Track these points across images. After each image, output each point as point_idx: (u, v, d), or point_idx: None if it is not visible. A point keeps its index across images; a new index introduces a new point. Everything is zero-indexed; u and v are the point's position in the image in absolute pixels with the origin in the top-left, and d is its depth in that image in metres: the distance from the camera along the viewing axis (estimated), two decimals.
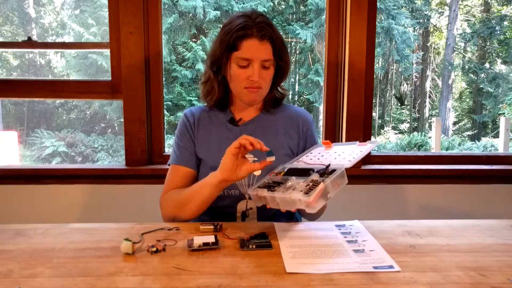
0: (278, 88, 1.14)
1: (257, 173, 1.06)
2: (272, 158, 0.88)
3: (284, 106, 1.17)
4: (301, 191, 0.79)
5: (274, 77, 1.07)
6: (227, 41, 1.00)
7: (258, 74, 1.00)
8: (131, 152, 1.56)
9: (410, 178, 1.61)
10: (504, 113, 11.17)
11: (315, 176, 0.84)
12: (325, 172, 0.84)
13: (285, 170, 0.93)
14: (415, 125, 14.19)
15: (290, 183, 0.86)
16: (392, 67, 13.97)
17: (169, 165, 1.12)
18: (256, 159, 1.06)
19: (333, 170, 0.83)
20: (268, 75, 1.03)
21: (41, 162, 9.03)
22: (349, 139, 1.55)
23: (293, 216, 1.13)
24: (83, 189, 1.57)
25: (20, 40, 1.65)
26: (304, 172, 0.88)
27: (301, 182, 0.84)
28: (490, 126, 13.31)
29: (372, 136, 2.45)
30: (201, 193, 0.95)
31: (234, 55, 1.00)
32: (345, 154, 0.92)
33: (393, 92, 14.93)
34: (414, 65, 13.16)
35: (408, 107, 14.98)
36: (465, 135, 13.06)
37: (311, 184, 0.81)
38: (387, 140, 12.45)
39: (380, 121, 14.27)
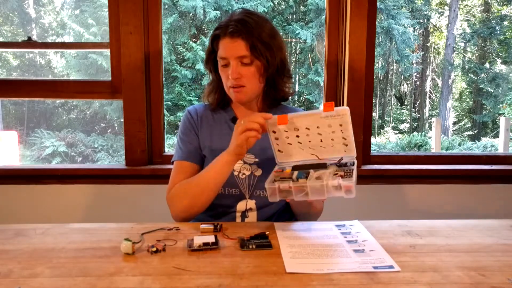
0: (284, 87, 1.11)
1: (258, 173, 1.06)
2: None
3: (286, 107, 1.17)
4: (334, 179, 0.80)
5: (271, 75, 1.05)
6: (209, 45, 1.06)
7: (235, 71, 1.00)
8: (131, 152, 1.56)
9: (410, 178, 1.61)
10: (504, 113, 11.17)
11: (334, 168, 0.85)
12: (341, 164, 0.87)
13: (291, 167, 0.91)
14: (415, 125, 14.19)
15: (314, 174, 0.84)
16: (392, 67, 13.97)
17: (172, 162, 1.11)
18: (257, 160, 1.06)
19: (345, 163, 0.87)
20: (249, 72, 1.02)
21: (41, 162, 9.02)
22: None
23: (292, 217, 1.13)
24: (83, 189, 1.57)
25: (20, 40, 1.65)
26: (315, 167, 0.88)
27: (327, 172, 0.84)
28: (490, 126, 13.31)
29: (372, 137, 2.44)
30: (221, 174, 0.96)
31: (217, 56, 1.04)
32: (326, 138, 0.89)
33: (393, 92, 14.93)
34: (414, 65, 13.16)
35: (408, 107, 14.98)
36: (465, 135, 13.05)
37: (339, 172, 0.82)
38: (387, 140, 12.45)
39: (380, 121, 14.26)
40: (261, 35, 1.00)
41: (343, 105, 1.57)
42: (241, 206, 1.06)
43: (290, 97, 1.15)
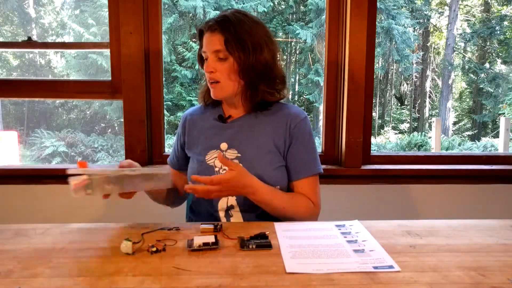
0: (264, 91, 1.05)
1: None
2: None
3: (281, 105, 1.12)
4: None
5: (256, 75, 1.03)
6: (199, 42, 1.08)
7: (210, 65, 1.02)
8: (131, 152, 1.56)
9: (410, 178, 1.61)
10: (504, 113, 11.17)
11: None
12: None
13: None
14: (415, 125, 14.19)
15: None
16: (392, 67, 13.97)
17: None
18: (239, 155, 1.05)
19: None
20: (223, 67, 1.01)
21: (41, 162, 9.03)
22: (349, 139, 1.55)
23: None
24: None
25: (20, 40, 1.65)
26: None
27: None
28: (490, 126, 13.31)
29: (372, 137, 2.41)
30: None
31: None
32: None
33: (393, 92, 14.93)
34: (414, 65, 13.16)
35: (408, 107, 14.98)
36: (465, 135, 13.06)
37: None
38: (387, 140, 12.45)
39: (380, 121, 14.27)
40: (238, 31, 0.98)
41: (343, 106, 1.56)
42: (222, 204, 1.05)
43: (275, 101, 1.09)
